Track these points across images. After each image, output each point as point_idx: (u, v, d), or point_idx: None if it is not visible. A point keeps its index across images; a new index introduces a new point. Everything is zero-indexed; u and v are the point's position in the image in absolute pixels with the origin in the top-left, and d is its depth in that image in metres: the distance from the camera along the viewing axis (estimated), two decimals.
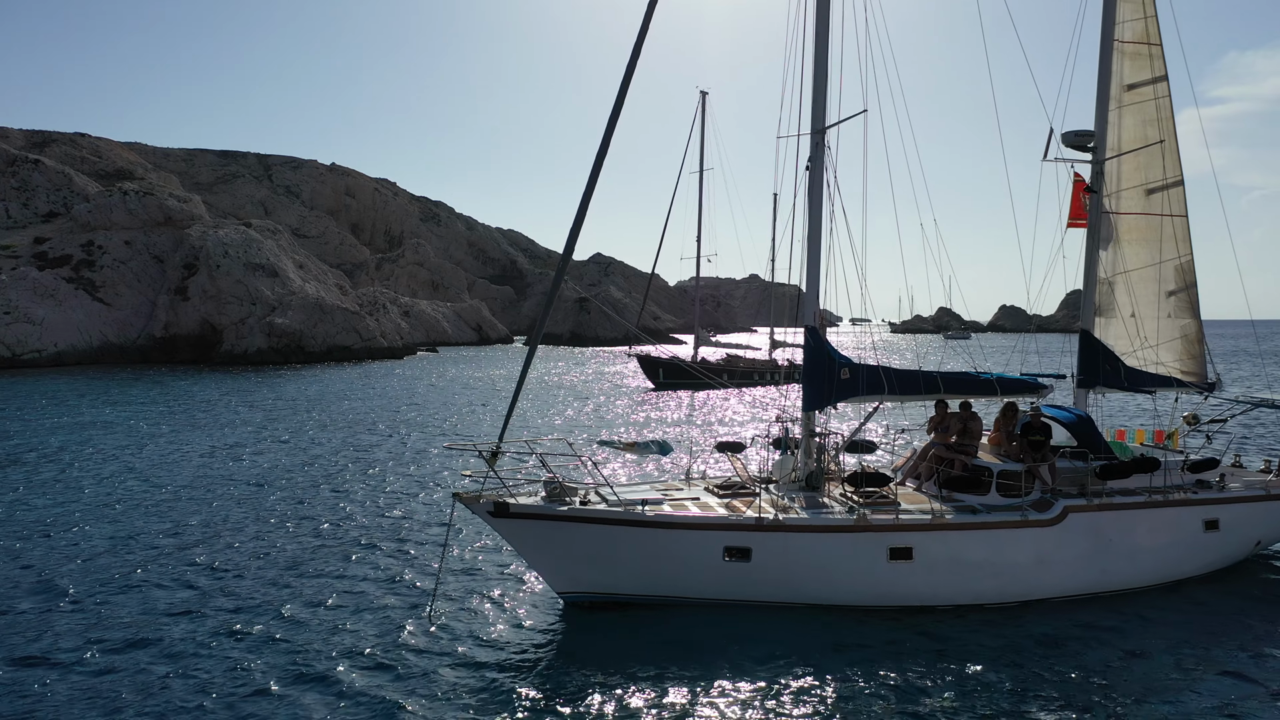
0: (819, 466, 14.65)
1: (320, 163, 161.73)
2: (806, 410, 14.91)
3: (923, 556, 12.88)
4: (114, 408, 39.88)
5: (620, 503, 13.01)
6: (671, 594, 13.16)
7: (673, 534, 12.66)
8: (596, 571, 13.11)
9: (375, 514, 19.21)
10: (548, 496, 13.17)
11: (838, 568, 12.87)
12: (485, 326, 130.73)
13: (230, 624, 12.69)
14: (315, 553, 16.36)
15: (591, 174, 13.34)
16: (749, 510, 13.07)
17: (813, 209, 14.59)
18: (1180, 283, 16.39)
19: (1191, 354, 16.64)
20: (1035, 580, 13.55)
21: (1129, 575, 14.20)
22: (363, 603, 13.58)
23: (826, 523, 12.87)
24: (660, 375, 54.68)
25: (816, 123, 14.39)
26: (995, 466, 14.16)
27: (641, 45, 13.44)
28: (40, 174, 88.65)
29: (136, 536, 17.49)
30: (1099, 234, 16.21)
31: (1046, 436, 14.57)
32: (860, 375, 14.51)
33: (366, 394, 48.28)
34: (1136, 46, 15.94)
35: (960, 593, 13.23)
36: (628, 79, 13.41)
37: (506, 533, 13.11)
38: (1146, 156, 16.04)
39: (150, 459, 26.49)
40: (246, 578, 14.82)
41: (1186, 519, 14.52)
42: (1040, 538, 13.45)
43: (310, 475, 24.04)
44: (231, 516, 19.14)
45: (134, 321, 76.84)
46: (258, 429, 33.55)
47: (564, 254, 13.58)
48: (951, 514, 13.29)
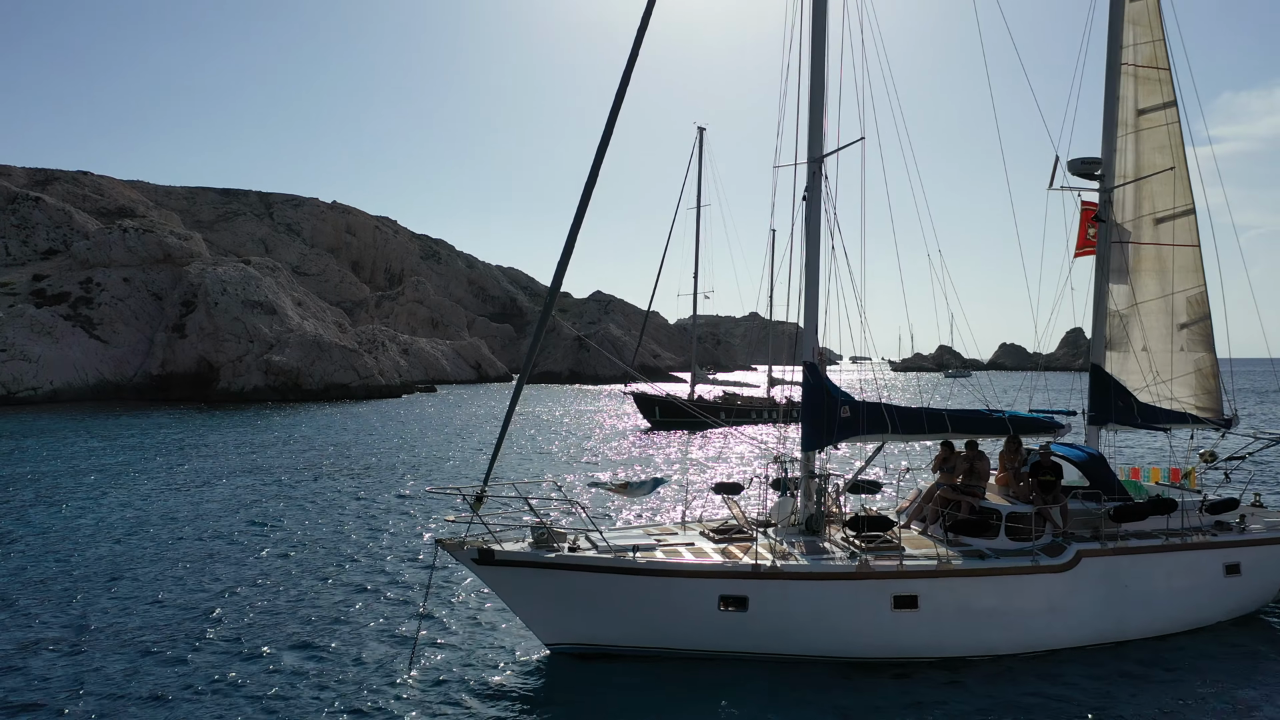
0: (819, 509, 13.98)
1: (321, 201, 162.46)
2: (805, 450, 14.28)
3: (929, 605, 12.18)
4: (101, 445, 39.24)
5: (610, 549, 12.35)
6: (664, 645, 12.44)
7: (665, 582, 11.99)
8: (585, 621, 12.41)
9: (356, 560, 18.49)
10: (535, 543, 12.52)
11: (839, 617, 12.16)
12: (484, 364, 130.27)
13: (203, 670, 12.03)
14: (293, 598, 15.68)
15: (580, 205, 12.88)
16: (745, 556, 12.40)
17: (810, 239, 14.10)
18: (1193, 315, 15.83)
19: (1207, 389, 16.03)
20: (1048, 629, 12.82)
21: (1147, 623, 13.47)
22: (340, 652, 12.87)
23: (827, 570, 12.18)
24: (656, 414, 54.02)
25: (813, 151, 13.96)
26: (1004, 509, 13.50)
27: (630, 73, 13.05)
28: (40, 211, 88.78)
29: (99, 586, 16.79)
30: (1108, 264, 15.69)
31: (1057, 476, 13.92)
32: (861, 413, 13.90)
33: (357, 434, 47.62)
34: (1147, 70, 15.53)
35: (969, 643, 12.50)
36: (616, 108, 13.00)
37: (491, 581, 12.44)
38: (1157, 184, 15.56)
39: (127, 499, 25.81)
40: (223, 623, 14.16)
41: (1206, 562, 13.82)
42: (1053, 584, 12.76)
43: (292, 518, 23.35)
44: (210, 560, 18.46)
45: (131, 359, 76.41)
46: (244, 470, 32.87)
47: (552, 287, 13.08)
48: (959, 559, 12.62)
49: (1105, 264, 15.75)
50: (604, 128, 12.92)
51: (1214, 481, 17.11)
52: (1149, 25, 15.66)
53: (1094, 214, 15.73)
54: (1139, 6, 15.91)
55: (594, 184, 12.91)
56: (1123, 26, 15.89)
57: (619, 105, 13.05)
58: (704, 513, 15.82)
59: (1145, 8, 15.90)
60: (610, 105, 13.07)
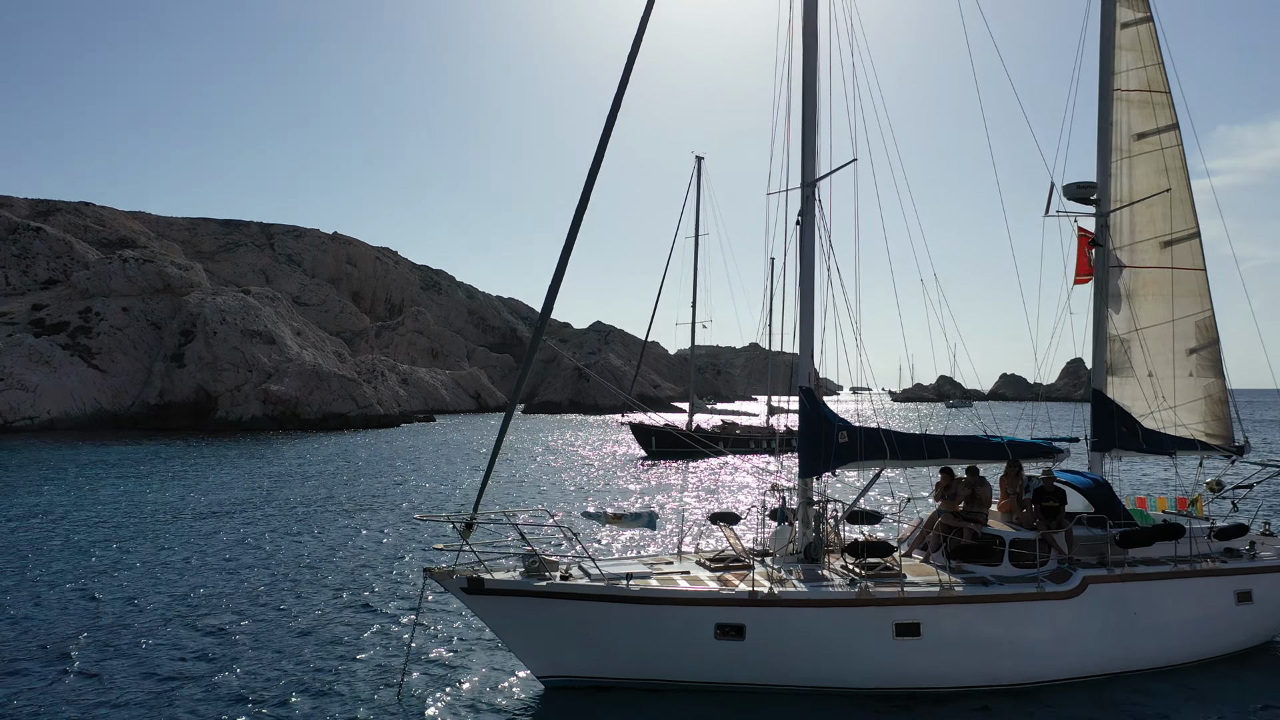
0: (818, 537, 13.67)
1: (322, 231, 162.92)
2: (803, 476, 14.00)
3: (931, 633, 11.84)
4: (88, 474, 38.88)
5: (603, 577, 12.04)
6: (660, 677, 12.09)
7: (660, 610, 11.66)
8: (578, 653, 12.07)
9: (343, 590, 18.11)
10: (526, 571, 12.21)
11: (839, 646, 11.82)
12: (484, 394, 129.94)
13: (183, 702, 11.66)
14: (276, 628, 15.29)
15: (570, 230, 12.75)
16: (742, 584, 12.08)
17: (804, 264, 13.92)
18: (1202, 340, 15.59)
19: (1216, 415, 15.74)
20: (1054, 659, 12.46)
21: (1156, 653, 13.09)
22: (325, 686, 12.48)
23: (826, 597, 11.86)
24: (654, 444, 53.60)
25: (806, 175, 13.84)
26: (1007, 535, 13.20)
27: (620, 99, 12.98)
28: (41, 241, 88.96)
29: (82, 613, 16.43)
30: (1106, 289, 15.48)
31: (1061, 502, 13.64)
32: (859, 439, 13.64)
33: (351, 463, 47.22)
34: (1142, 95, 15.44)
35: (973, 673, 12.14)
36: (606, 135, 12.93)
37: (481, 611, 12.11)
38: (1160, 208, 15.40)
39: (110, 528, 25.43)
40: (205, 655, 13.78)
41: (1217, 590, 13.47)
42: (1059, 611, 12.41)
43: (278, 547, 22.97)
44: (193, 590, 18.08)
45: (129, 389, 76.13)
46: (235, 498, 32.49)
47: (543, 312, 12.86)
48: (961, 586, 12.30)
49: (1104, 289, 15.55)
50: (594, 154, 12.82)
51: (1221, 511, 16.80)
52: (1142, 51, 15.60)
53: (1091, 240, 15.56)
54: (1131, 33, 15.85)
55: (585, 208, 12.77)
56: (1114, 53, 15.84)
57: (609, 132, 12.95)
58: (700, 543, 15.46)
59: (1138, 34, 15.85)
60: (600, 132, 12.96)
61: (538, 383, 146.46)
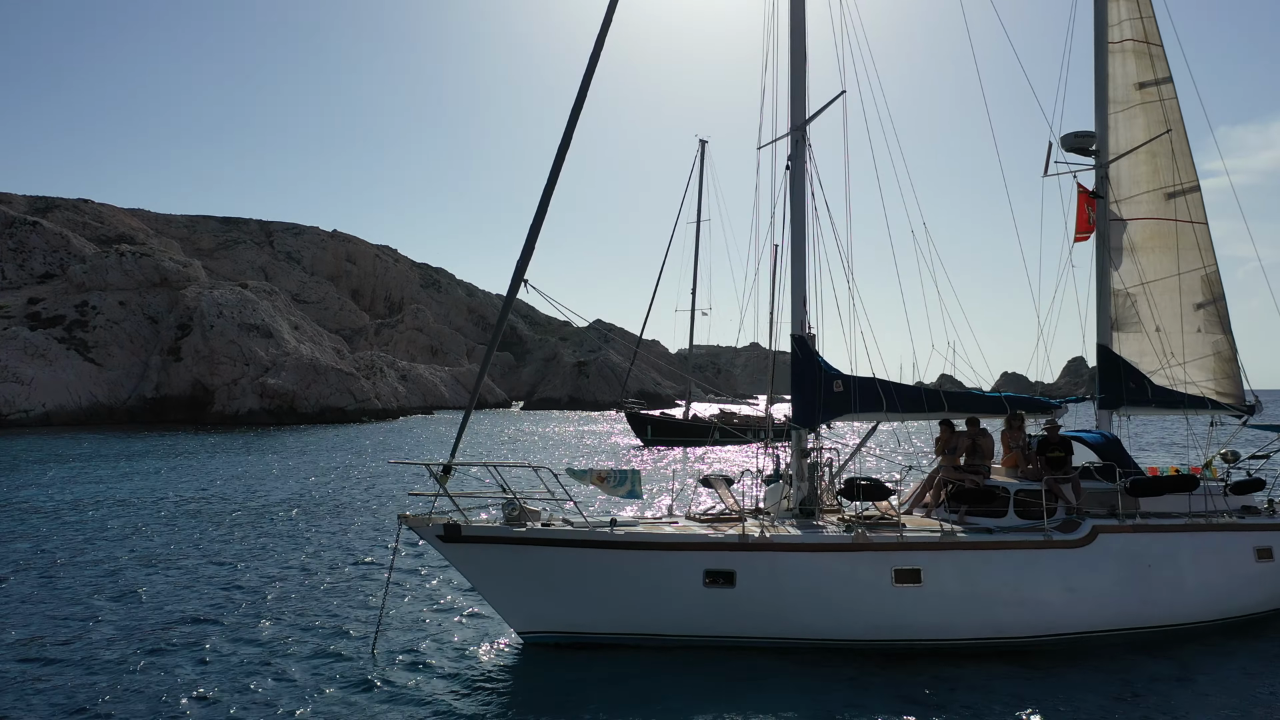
0: (812, 490, 13.11)
1: (322, 229, 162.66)
2: (797, 427, 13.46)
3: (933, 580, 11.29)
4: (73, 465, 38.39)
5: (587, 524, 11.51)
6: (646, 631, 11.56)
7: (646, 556, 11.15)
8: (560, 605, 11.54)
9: (316, 541, 17.64)
10: (506, 519, 11.68)
11: (835, 594, 11.27)
12: (483, 390, 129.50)
13: (157, 661, 11.19)
14: (247, 580, 14.84)
15: (540, 206, 12.36)
16: (733, 530, 11.54)
17: (795, 210, 13.41)
18: (1208, 294, 15.05)
19: (1226, 373, 15.18)
20: (1063, 611, 11.88)
21: (1174, 609, 12.44)
22: (297, 640, 11.99)
23: (821, 540, 11.34)
24: (649, 433, 53.14)
25: (796, 119, 13.33)
26: (1012, 485, 12.65)
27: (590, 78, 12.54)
28: (38, 235, 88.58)
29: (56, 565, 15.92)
30: (1107, 241, 14.94)
31: (1067, 452, 13.09)
32: (854, 389, 13.10)
33: (345, 449, 46.74)
34: (1138, 45, 14.95)
35: (977, 625, 11.58)
36: (574, 116, 12.51)
37: (458, 560, 11.59)
38: (1163, 159, 14.87)
39: (85, 510, 24.93)
40: (178, 612, 13.28)
41: (1235, 545, 12.86)
42: (1068, 560, 11.84)
43: (250, 504, 22.44)
44: (164, 549, 17.55)
45: (125, 382, 75.68)
46: (222, 478, 32.00)
47: (511, 286, 12.41)
48: (964, 534, 11.77)
49: (1105, 240, 15.02)
50: (562, 134, 12.40)
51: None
52: (1136, 2, 15.14)
53: (1090, 193, 15.02)
54: None
55: (554, 185, 12.39)
56: (1107, 3, 15.36)
57: (578, 112, 12.55)
58: (694, 508, 14.92)
59: None
60: (569, 112, 12.53)
61: (538, 379, 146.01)
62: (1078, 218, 15.35)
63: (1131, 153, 14.78)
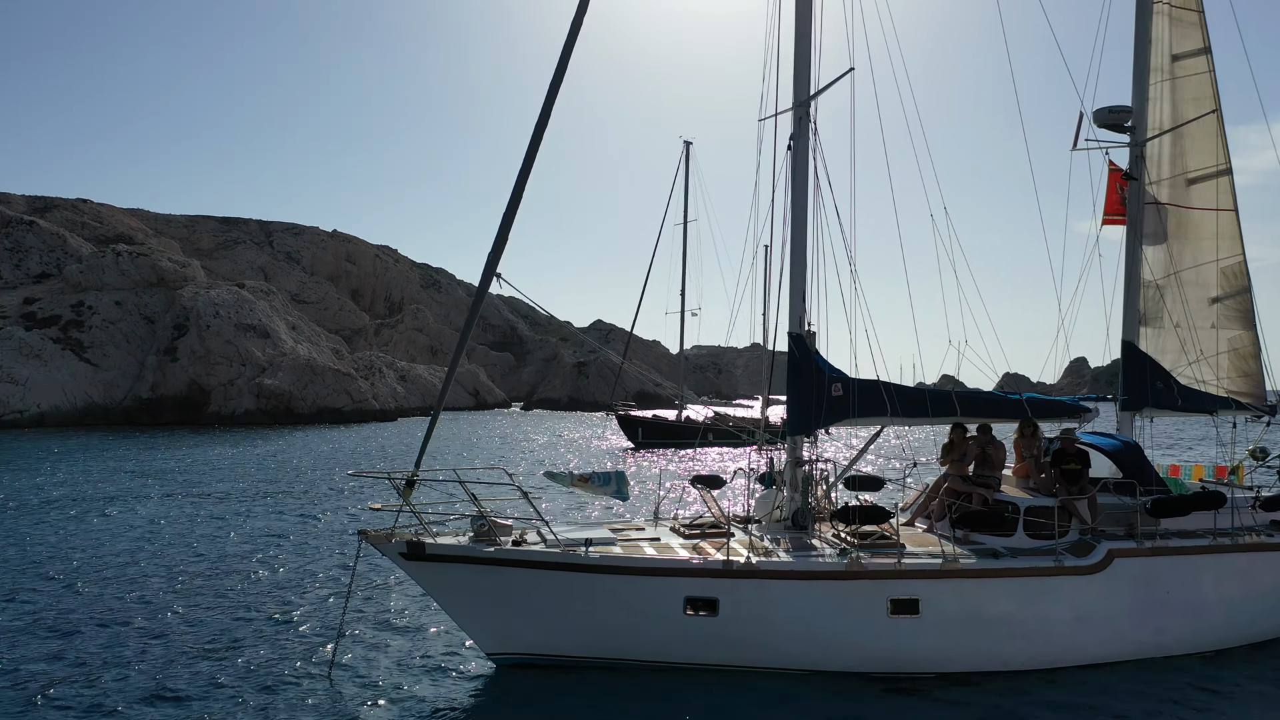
0: (805, 502, 12.16)
1: (322, 229, 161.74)
2: (792, 434, 12.51)
3: (932, 611, 10.36)
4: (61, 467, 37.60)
5: (561, 543, 10.58)
6: (622, 656, 10.65)
7: (622, 581, 10.24)
8: (530, 627, 10.64)
9: (274, 558, 16.78)
10: (475, 536, 10.77)
11: (825, 624, 10.35)
12: (483, 391, 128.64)
13: (105, 678, 10.45)
14: (203, 601, 14.06)
15: (514, 191, 11.48)
16: (717, 553, 10.59)
17: (796, 193, 12.47)
18: (1230, 288, 14.10)
19: (1245, 371, 14.23)
20: (1074, 642, 10.97)
21: (1192, 636, 11.55)
22: (251, 663, 11.11)
23: (811, 568, 10.39)
24: (639, 434, 52.33)
25: (799, 94, 12.39)
26: (1023, 501, 11.70)
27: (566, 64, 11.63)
28: (34, 235, 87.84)
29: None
30: (1140, 228, 13.92)
31: (1084, 465, 12.14)
32: (855, 392, 12.15)
33: (329, 451, 45.89)
34: (1179, 10, 13.82)
35: (979, 657, 10.66)
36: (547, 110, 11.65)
37: (423, 579, 10.70)
38: (1194, 140, 13.89)
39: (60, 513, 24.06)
40: (127, 629, 12.51)
41: (1264, 567, 11.95)
42: (1079, 588, 10.92)
43: (211, 520, 21.54)
44: (121, 564, 16.66)
45: (120, 382, 74.87)
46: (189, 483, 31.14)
47: (484, 274, 11.50)
48: (969, 558, 10.80)
49: (1138, 228, 13.99)
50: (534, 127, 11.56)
51: (1265, 483, 15.12)
52: None
53: (1124, 174, 13.98)
54: None
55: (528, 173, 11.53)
56: None
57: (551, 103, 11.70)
58: (681, 511, 13.97)
59: None
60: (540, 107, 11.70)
61: (538, 380, 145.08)
62: (1108, 199, 14.31)
63: (1175, 129, 13.68)
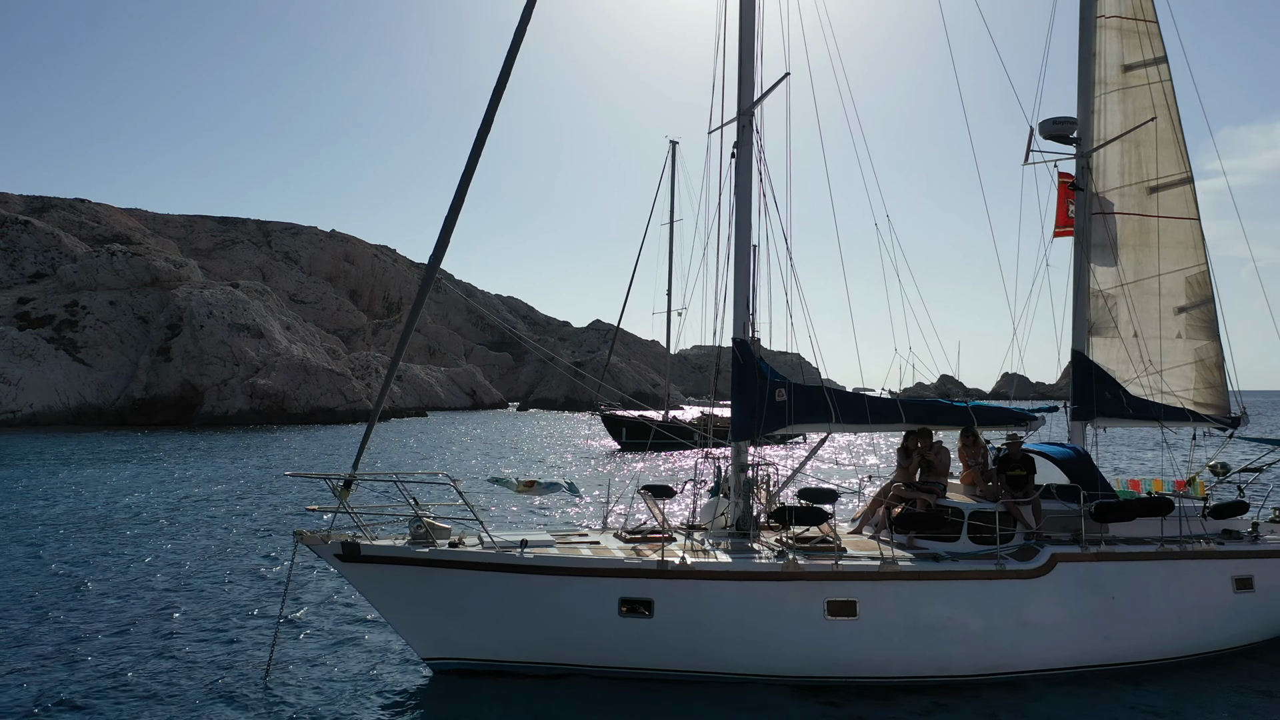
0: (748, 509, 12.14)
1: (320, 229, 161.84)
2: (736, 440, 12.49)
3: (870, 613, 10.32)
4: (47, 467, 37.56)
5: (495, 544, 10.57)
6: (559, 660, 10.62)
7: (555, 582, 10.21)
8: (466, 630, 10.62)
9: (207, 561, 16.76)
10: (412, 538, 10.75)
11: (760, 626, 10.31)
12: (480, 391, 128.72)
13: (32, 684, 10.25)
14: (132, 605, 13.96)
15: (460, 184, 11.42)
16: (653, 554, 10.58)
17: (740, 200, 12.46)
18: (1194, 298, 13.98)
19: (1208, 382, 14.09)
20: (1016, 648, 10.88)
21: (1139, 645, 11.42)
22: (182, 669, 11.03)
23: (745, 569, 10.36)
24: (624, 435, 52.27)
25: (743, 103, 12.40)
26: (966, 506, 11.65)
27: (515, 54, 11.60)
28: (29, 235, 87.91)
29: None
30: (1088, 238, 13.90)
31: (1029, 470, 12.08)
32: (796, 397, 12.12)
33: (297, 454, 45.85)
34: (1128, 23, 13.82)
35: (918, 662, 10.60)
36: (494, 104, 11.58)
37: (358, 580, 10.67)
38: (1148, 149, 13.83)
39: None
40: (56, 634, 12.34)
41: (1211, 574, 11.81)
42: (1022, 592, 10.84)
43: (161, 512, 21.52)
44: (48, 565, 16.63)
45: (113, 382, 74.92)
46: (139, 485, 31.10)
47: (430, 263, 11.45)
48: (909, 562, 10.77)
49: (1085, 237, 13.99)
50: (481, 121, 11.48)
51: (1226, 498, 15.00)
52: None
53: (1071, 184, 14.02)
54: None
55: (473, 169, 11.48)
56: None
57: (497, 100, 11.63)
58: (630, 520, 13.95)
59: None
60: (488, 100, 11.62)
61: (536, 380, 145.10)
62: (1058, 211, 14.37)
63: (1118, 139, 13.68)
